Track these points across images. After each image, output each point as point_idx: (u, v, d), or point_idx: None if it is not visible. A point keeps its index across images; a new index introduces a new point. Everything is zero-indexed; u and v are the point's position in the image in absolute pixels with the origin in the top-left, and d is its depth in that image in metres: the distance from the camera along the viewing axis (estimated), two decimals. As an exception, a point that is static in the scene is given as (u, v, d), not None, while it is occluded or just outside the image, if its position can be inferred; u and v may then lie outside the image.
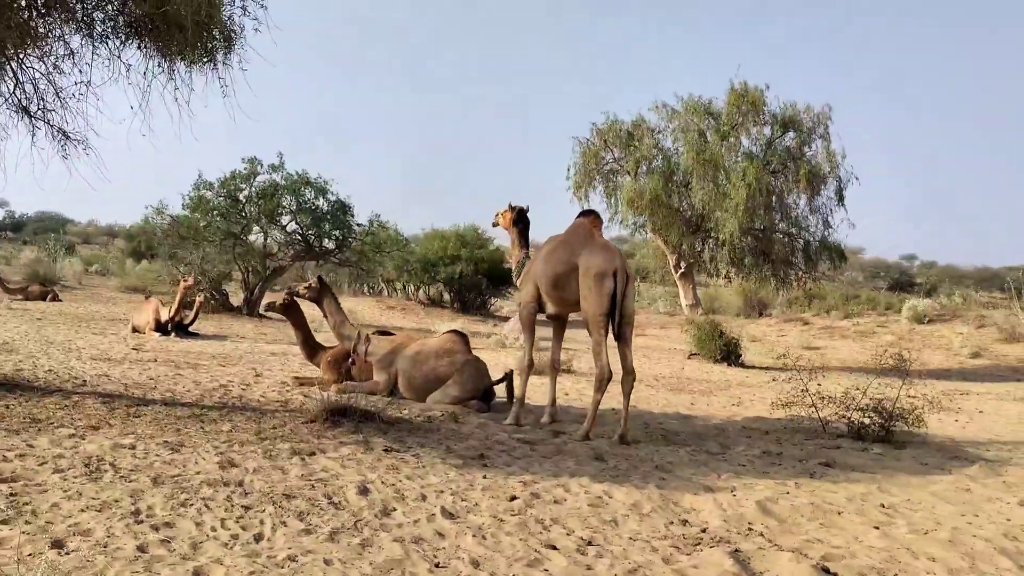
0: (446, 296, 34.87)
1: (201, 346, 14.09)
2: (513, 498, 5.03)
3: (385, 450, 6.04)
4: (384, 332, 10.02)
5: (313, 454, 5.73)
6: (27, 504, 4.24)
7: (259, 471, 5.18)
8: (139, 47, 7.22)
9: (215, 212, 24.01)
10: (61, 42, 6.79)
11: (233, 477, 5.00)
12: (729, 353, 16.87)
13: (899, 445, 7.81)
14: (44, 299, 21.67)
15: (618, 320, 7.32)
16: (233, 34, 7.44)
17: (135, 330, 15.83)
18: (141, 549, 3.79)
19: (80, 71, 6.78)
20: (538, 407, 8.63)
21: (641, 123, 18.33)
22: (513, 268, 8.98)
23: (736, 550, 4.27)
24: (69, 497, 4.39)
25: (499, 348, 17.13)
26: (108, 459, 5.16)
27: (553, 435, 7.43)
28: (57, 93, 7.04)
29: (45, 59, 6.61)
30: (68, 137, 6.96)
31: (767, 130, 17.84)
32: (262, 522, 4.27)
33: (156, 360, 10.95)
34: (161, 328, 15.59)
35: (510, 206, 9.03)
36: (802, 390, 8.57)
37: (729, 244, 16.65)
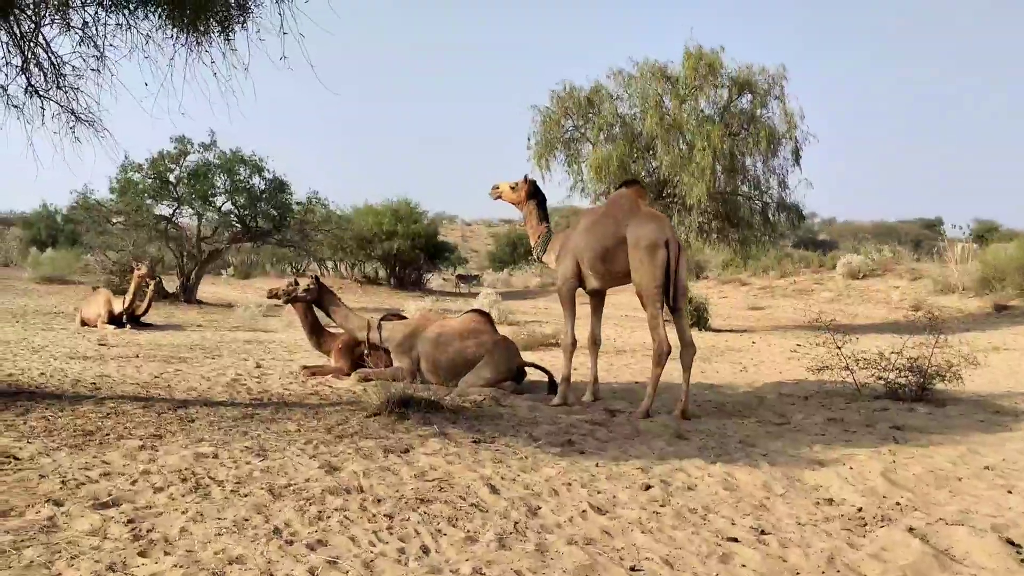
0: (381, 273, 34.24)
1: (166, 337, 13.33)
2: (648, 487, 4.79)
3: (474, 442, 5.71)
4: (394, 315, 9.59)
5: (407, 451, 5.36)
6: (151, 531, 3.78)
7: (369, 474, 4.79)
8: (148, 16, 6.58)
9: (144, 195, 22.75)
10: (73, 11, 6.09)
11: (348, 483, 4.60)
12: (700, 318, 17.01)
13: (939, 403, 7.88)
14: (-36, 295, 20.19)
15: (672, 292, 7.12)
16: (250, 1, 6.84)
17: (84, 323, 14.89)
18: (313, 574, 3.41)
19: (94, 45, 6.10)
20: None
21: (600, 89, 18.09)
22: (534, 244, 8.63)
23: (910, 528, 4.14)
24: (193, 519, 3.94)
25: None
26: (201, 472, 4.69)
27: (609, 414, 7.22)
28: (58, 68, 6.35)
29: (60, 32, 5.92)
30: (79, 118, 6.29)
31: (724, 93, 17.85)
32: (417, 532, 3.92)
33: (138, 356, 10.25)
34: (115, 320, 14.70)
35: (525, 178, 8.68)
36: (836, 353, 8.55)
37: (697, 209, 16.66)
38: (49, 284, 26.34)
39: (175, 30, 6.65)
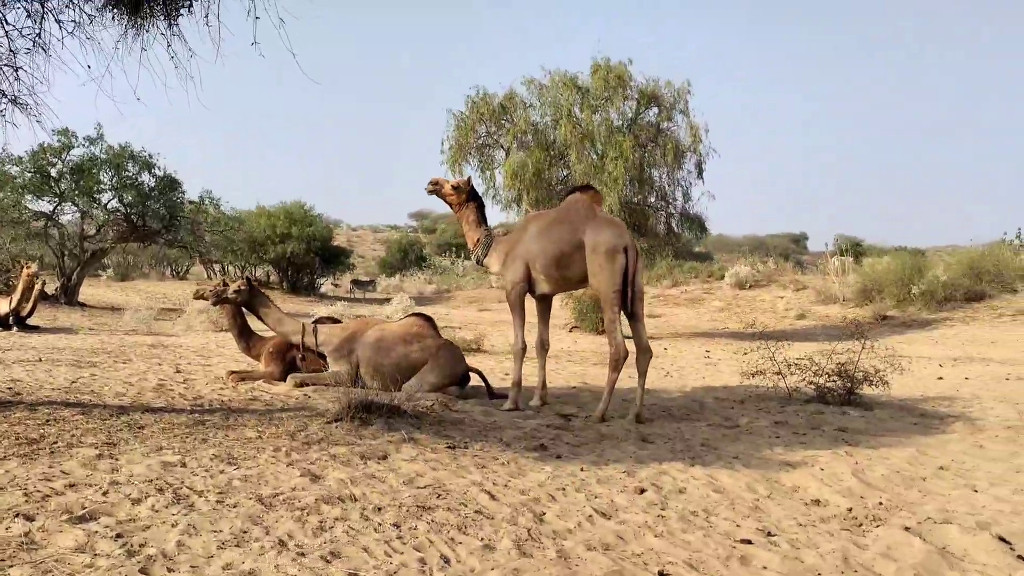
0: (273, 277, 33.24)
1: (61, 341, 12.48)
2: (642, 490, 4.76)
3: (449, 448, 5.54)
4: (327, 318, 9.28)
5: (385, 457, 5.16)
6: (144, 546, 3.48)
7: (356, 482, 4.57)
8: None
9: (23, 190, 21.30)
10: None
11: (341, 492, 4.37)
12: (608, 325, 17.25)
13: (867, 407, 8.19)
14: None
15: (631, 297, 7.16)
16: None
17: (-36, 325, 13.79)
18: (340, 588, 3.21)
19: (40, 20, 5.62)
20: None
21: (513, 97, 18.12)
22: (472, 248, 8.45)
23: (906, 527, 4.26)
24: (186, 533, 3.64)
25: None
26: (175, 482, 4.36)
27: (564, 419, 7.19)
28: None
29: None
30: (14, 101, 5.77)
31: (633, 105, 18.20)
32: (431, 541, 3.75)
33: (41, 359, 9.52)
34: (1, 322, 13.68)
35: (469, 180, 8.55)
36: (770, 359, 8.79)
37: (609, 218, 16.89)
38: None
39: (116, 11, 6.22)
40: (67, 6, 5.89)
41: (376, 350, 8.30)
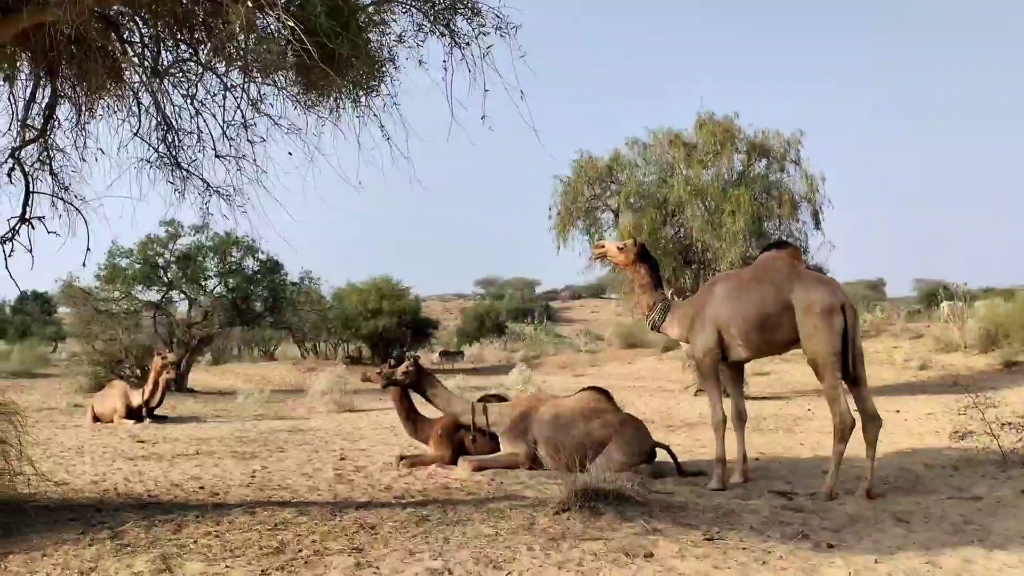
0: (365, 352, 33.26)
1: (197, 431, 12.36)
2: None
3: (707, 539, 5.04)
4: (495, 397, 8.88)
5: (650, 556, 4.66)
6: None
7: (646, 587, 4.10)
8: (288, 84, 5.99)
9: (133, 281, 21.68)
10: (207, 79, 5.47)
11: (639, 600, 3.90)
12: (735, 386, 16.57)
13: (1099, 469, 7.44)
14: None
15: (852, 360, 6.63)
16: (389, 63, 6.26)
17: (96, 419, 13.73)
18: None
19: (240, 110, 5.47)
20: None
21: (619, 157, 17.88)
22: (646, 312, 8.00)
23: None
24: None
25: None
26: (455, 595, 3.94)
27: (783, 496, 6.62)
28: (171, 131, 5.70)
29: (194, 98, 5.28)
30: (220, 193, 5.62)
31: (743, 158, 17.78)
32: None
33: (198, 453, 9.31)
34: (133, 414, 13.60)
35: (635, 241, 8.16)
36: (981, 418, 8.09)
37: (728, 274, 16.37)
38: (15, 379, 24.81)
39: (312, 96, 6.07)
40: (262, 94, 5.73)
41: (555, 428, 7.87)
